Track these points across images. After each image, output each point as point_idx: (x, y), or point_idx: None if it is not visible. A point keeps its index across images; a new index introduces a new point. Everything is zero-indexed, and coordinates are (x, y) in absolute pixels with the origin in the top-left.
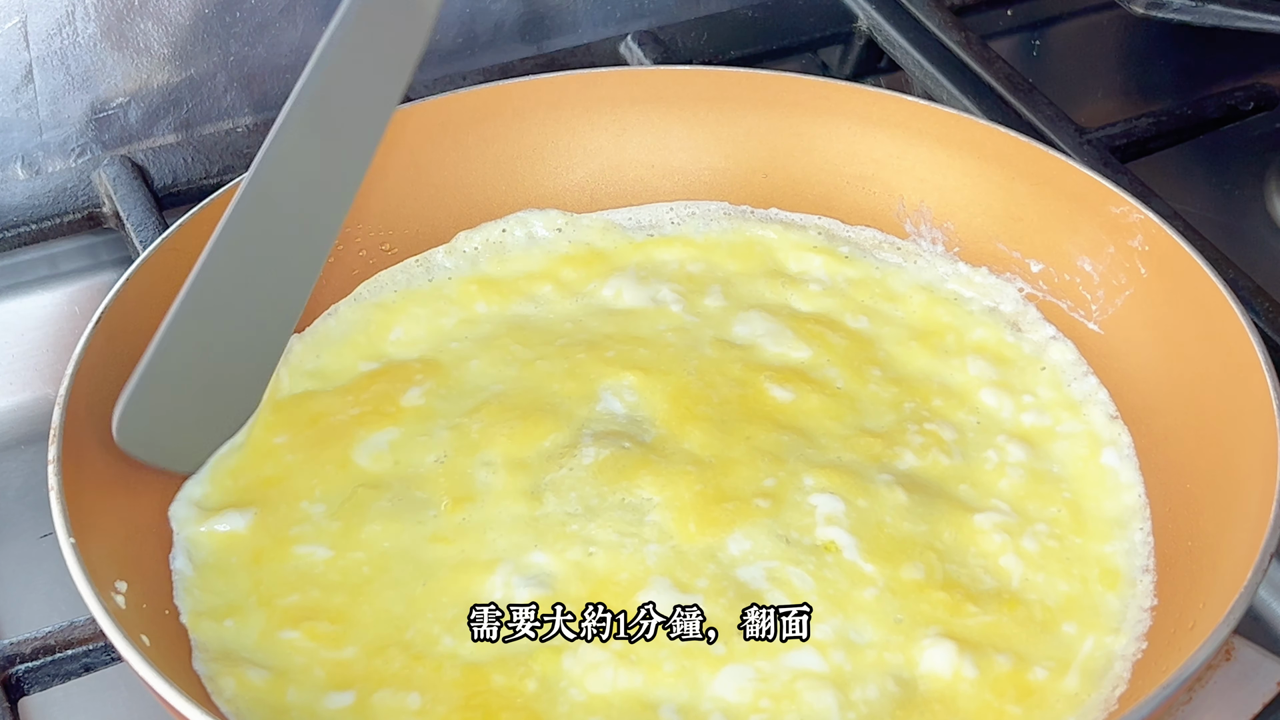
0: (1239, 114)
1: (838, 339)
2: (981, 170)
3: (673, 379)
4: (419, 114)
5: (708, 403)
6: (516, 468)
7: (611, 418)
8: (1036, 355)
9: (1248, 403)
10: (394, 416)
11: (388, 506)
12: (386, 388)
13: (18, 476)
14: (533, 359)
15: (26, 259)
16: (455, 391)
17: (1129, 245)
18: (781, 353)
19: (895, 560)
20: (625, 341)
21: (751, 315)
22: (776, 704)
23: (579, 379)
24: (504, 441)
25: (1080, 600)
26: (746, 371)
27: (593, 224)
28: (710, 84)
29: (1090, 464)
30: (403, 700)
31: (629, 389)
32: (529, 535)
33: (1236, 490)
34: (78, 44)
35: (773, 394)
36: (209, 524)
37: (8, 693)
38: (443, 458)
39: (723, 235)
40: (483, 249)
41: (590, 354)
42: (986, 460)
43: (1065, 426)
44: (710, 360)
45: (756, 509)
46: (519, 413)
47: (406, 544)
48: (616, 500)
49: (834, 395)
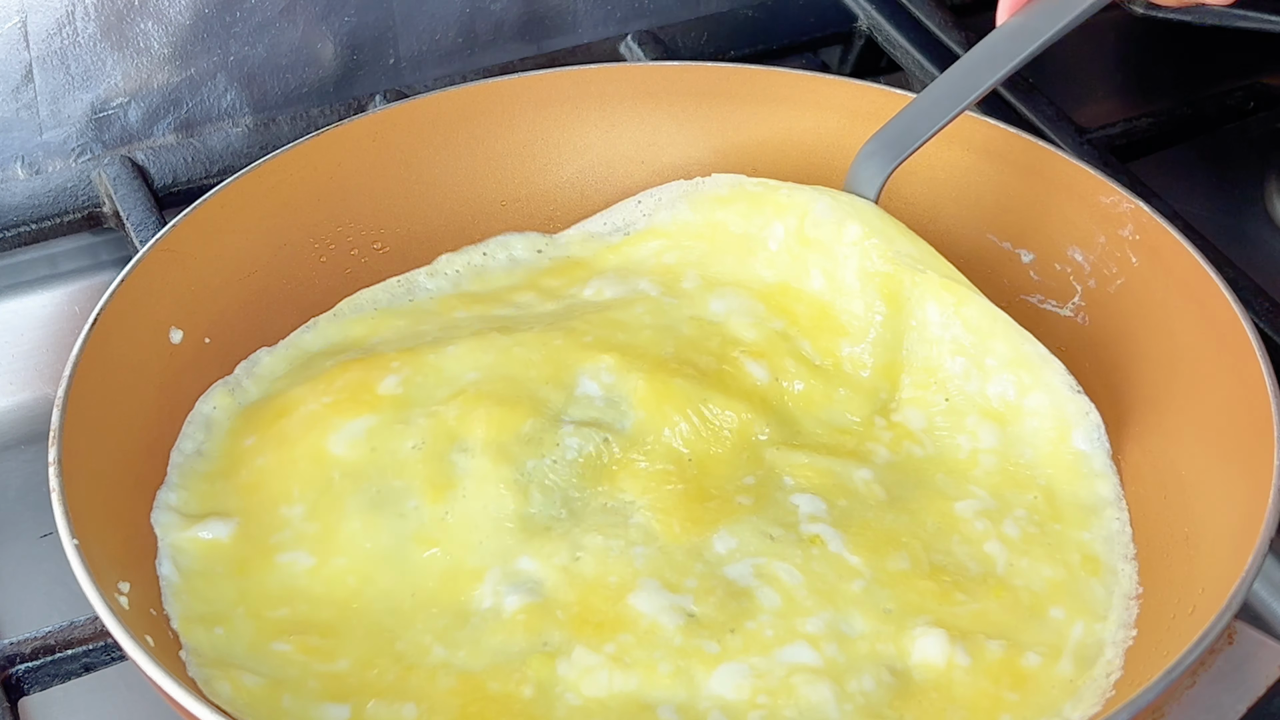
0: (1239, 114)
1: (803, 309)
2: (971, 161)
3: (649, 359)
4: (410, 111)
5: (685, 378)
6: (497, 454)
7: (590, 401)
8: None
9: (1245, 397)
10: (371, 404)
11: (366, 499)
12: (362, 376)
13: (18, 476)
14: (510, 345)
15: (26, 259)
16: (433, 379)
17: (1120, 235)
18: (755, 326)
19: (881, 551)
20: (603, 326)
21: (726, 291)
22: (774, 699)
23: (556, 364)
24: (482, 427)
25: (1066, 585)
26: (724, 346)
27: (571, 239)
28: (699, 79)
29: (1060, 446)
30: (398, 711)
31: (606, 370)
32: (515, 539)
33: (1233, 478)
34: (78, 44)
35: (749, 370)
36: (192, 530)
37: (8, 693)
38: (420, 444)
39: (691, 219)
40: (464, 271)
41: (568, 339)
42: (959, 449)
43: (1030, 400)
44: (687, 339)
45: (739, 506)
46: (496, 398)
47: (388, 544)
48: (599, 504)
49: (810, 377)
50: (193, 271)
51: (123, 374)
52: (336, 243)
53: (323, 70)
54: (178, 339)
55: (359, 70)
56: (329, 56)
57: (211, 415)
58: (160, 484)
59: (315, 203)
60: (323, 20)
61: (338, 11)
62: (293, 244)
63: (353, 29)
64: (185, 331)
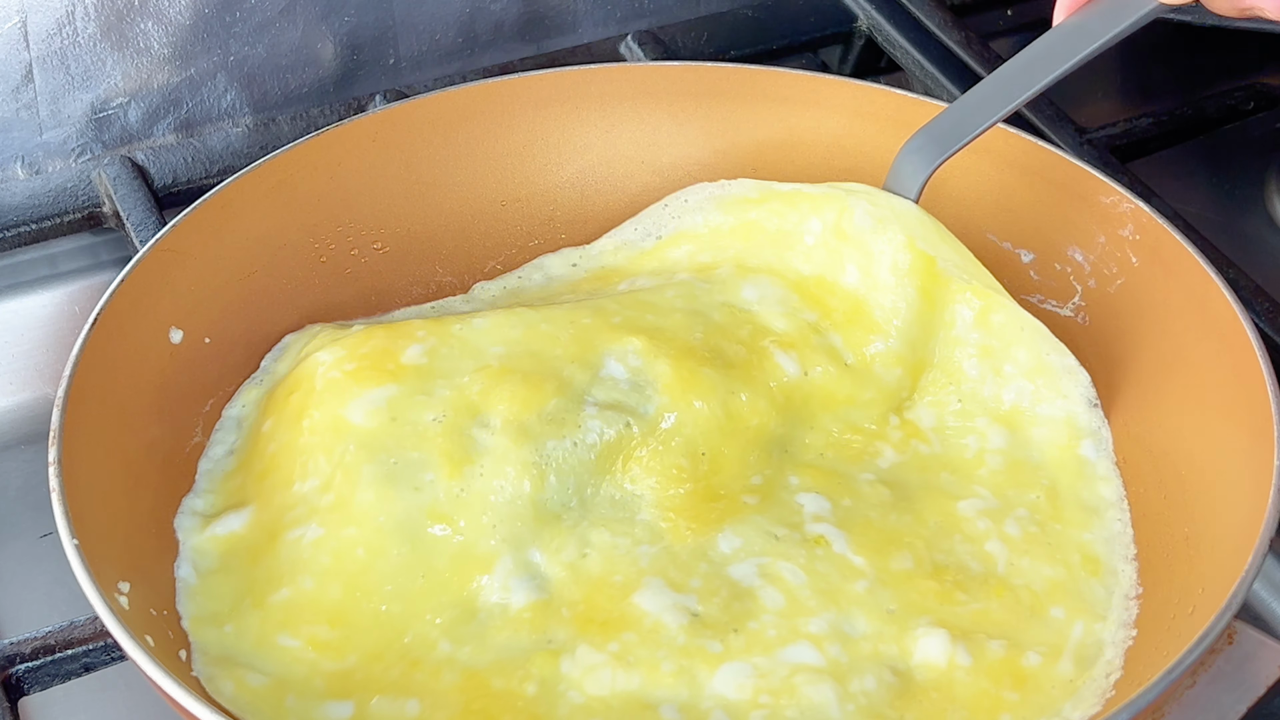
0: (1239, 114)
1: (837, 303)
2: (970, 162)
3: (678, 344)
4: (410, 111)
5: (713, 368)
6: (518, 433)
7: (614, 383)
8: (1018, 321)
9: (1245, 397)
10: (394, 374)
11: (382, 470)
12: (386, 344)
13: (18, 476)
14: (537, 321)
15: (26, 259)
16: (458, 350)
17: (1120, 235)
18: (787, 316)
19: (884, 552)
20: (633, 307)
21: (760, 279)
22: (776, 699)
23: (583, 343)
24: (505, 404)
25: (1066, 585)
26: (755, 335)
27: (604, 249)
28: (699, 79)
29: (1068, 453)
30: (401, 708)
31: (634, 353)
32: (527, 526)
33: (1233, 478)
34: (78, 44)
35: (779, 361)
36: (210, 530)
37: (8, 693)
38: (441, 417)
39: (723, 222)
40: (500, 296)
41: (596, 318)
42: (966, 448)
43: (1044, 408)
44: (717, 325)
45: (745, 505)
46: (521, 375)
47: (401, 517)
48: (609, 495)
49: (839, 374)
50: (193, 271)
51: (123, 374)
52: (336, 243)
53: (323, 70)
54: (178, 339)
55: (359, 70)
56: (329, 56)
57: (241, 414)
58: (161, 484)
59: (315, 203)
60: (323, 20)
61: (338, 11)
62: (293, 244)
63: (353, 29)
64: (185, 331)
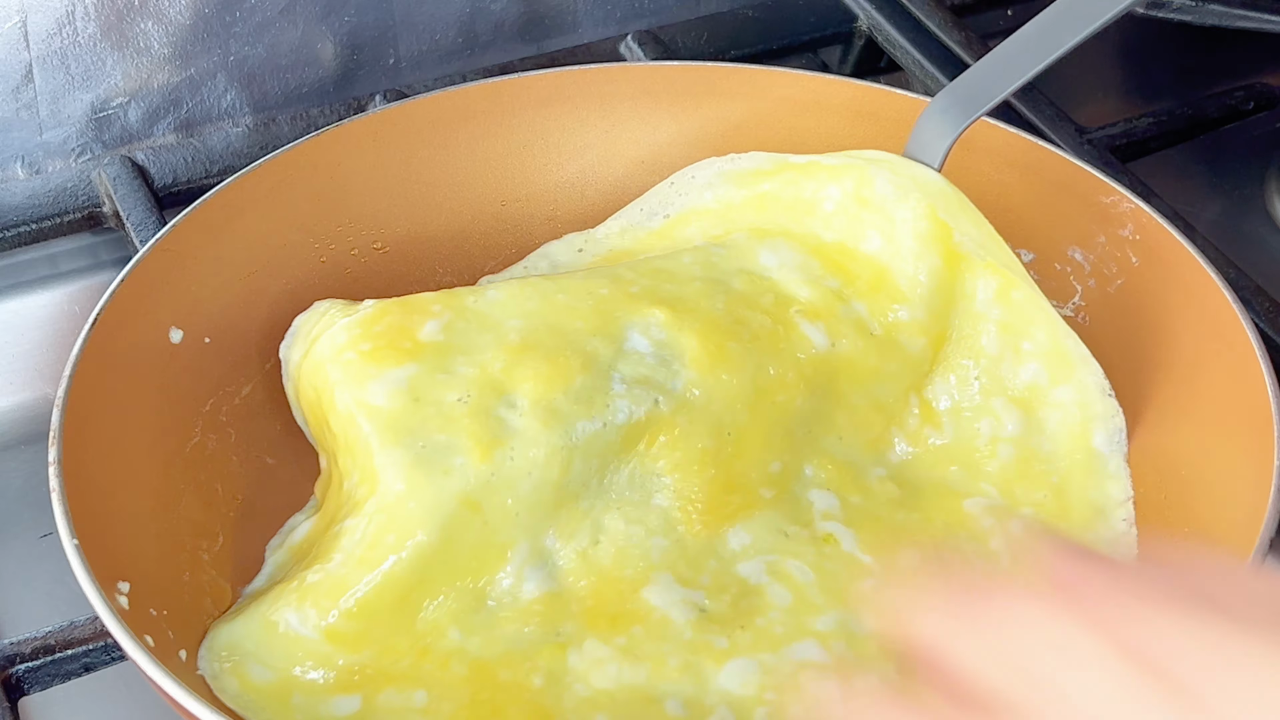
0: (1239, 114)
1: (860, 269)
2: (970, 161)
3: (701, 316)
4: (410, 111)
5: (739, 341)
6: (548, 415)
7: (639, 357)
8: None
9: (1245, 397)
10: (412, 352)
11: (409, 454)
12: (402, 320)
13: (18, 476)
14: (554, 291)
15: (26, 259)
16: (475, 325)
17: (1120, 235)
18: (809, 284)
19: (892, 550)
20: (649, 275)
21: (777, 243)
22: (781, 695)
23: (603, 315)
24: (530, 383)
25: None
26: (779, 305)
27: (610, 231)
28: (700, 79)
29: (1080, 443)
30: (409, 699)
31: (657, 326)
32: (546, 512)
33: (1233, 478)
34: (78, 44)
35: (806, 333)
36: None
37: (8, 693)
38: (465, 397)
39: (734, 196)
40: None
41: (614, 288)
42: (978, 435)
43: (1060, 392)
44: (739, 294)
45: (760, 499)
46: (543, 351)
47: (431, 504)
48: (628, 477)
49: (865, 346)
50: (193, 271)
51: (123, 374)
52: (336, 243)
53: (323, 70)
54: (178, 339)
55: (359, 70)
56: (329, 56)
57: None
58: (161, 484)
59: (315, 203)
60: (323, 20)
61: (338, 11)
62: (293, 244)
63: (353, 29)
64: (185, 331)
